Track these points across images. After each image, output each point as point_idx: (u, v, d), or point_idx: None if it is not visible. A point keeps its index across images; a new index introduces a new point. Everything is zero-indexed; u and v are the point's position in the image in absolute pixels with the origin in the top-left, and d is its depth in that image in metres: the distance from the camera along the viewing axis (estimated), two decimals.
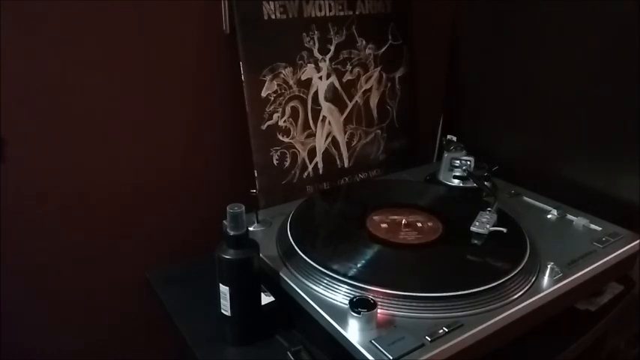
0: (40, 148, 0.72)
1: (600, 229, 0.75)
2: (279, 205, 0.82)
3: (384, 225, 0.72)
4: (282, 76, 0.84)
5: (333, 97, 0.90)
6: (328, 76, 0.89)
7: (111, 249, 0.81)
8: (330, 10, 0.87)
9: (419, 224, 0.73)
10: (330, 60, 0.88)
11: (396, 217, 0.74)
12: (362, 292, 0.58)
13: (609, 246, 0.71)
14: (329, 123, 0.90)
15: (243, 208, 0.59)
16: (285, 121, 0.85)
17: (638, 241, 0.73)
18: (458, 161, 0.88)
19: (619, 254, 0.70)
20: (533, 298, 0.60)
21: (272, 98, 0.83)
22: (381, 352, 0.51)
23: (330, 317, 0.56)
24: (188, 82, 0.81)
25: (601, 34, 0.80)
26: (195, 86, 0.82)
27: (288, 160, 0.87)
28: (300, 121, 0.87)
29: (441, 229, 0.71)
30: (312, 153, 0.89)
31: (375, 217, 0.74)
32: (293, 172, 0.88)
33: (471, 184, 0.87)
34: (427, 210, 0.76)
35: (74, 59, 0.71)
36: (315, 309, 0.58)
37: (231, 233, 0.59)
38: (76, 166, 0.75)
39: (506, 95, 0.97)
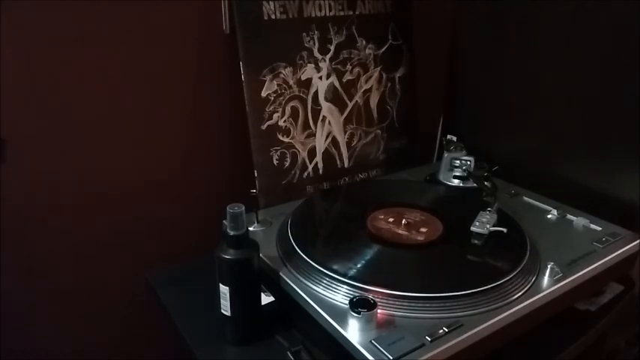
0: (41, 148, 0.72)
1: (600, 229, 0.75)
2: (279, 205, 0.82)
3: (384, 225, 0.72)
4: (282, 76, 0.84)
5: (333, 97, 0.90)
6: (328, 76, 0.89)
7: (111, 249, 0.81)
8: (330, 10, 0.87)
9: (419, 224, 0.73)
10: (330, 60, 0.88)
11: (395, 217, 0.74)
12: (362, 292, 0.58)
13: (609, 246, 0.71)
14: (329, 123, 0.90)
15: (243, 208, 0.59)
16: (285, 121, 0.85)
17: (638, 241, 0.73)
18: (458, 161, 0.88)
19: (619, 254, 0.70)
20: (533, 298, 0.60)
21: (272, 98, 0.83)
22: (381, 352, 0.51)
23: (330, 317, 0.56)
24: (188, 82, 0.81)
25: (601, 34, 0.80)
26: (195, 86, 0.82)
27: (288, 160, 0.87)
28: (300, 121, 0.87)
29: (441, 229, 0.71)
30: (312, 153, 0.89)
31: (375, 217, 0.74)
32: (293, 172, 0.88)
33: (471, 184, 0.87)
34: (427, 210, 0.76)
35: (74, 59, 0.71)
36: (315, 309, 0.58)
37: (231, 233, 0.59)
38: (75, 167, 0.75)
39: (506, 95, 0.97)
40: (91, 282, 0.81)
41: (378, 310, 0.54)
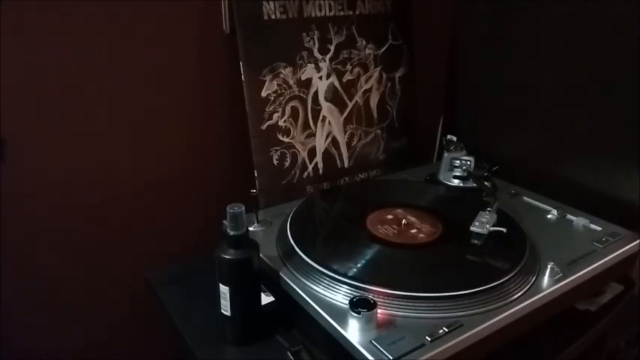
0: (40, 148, 0.72)
1: (600, 229, 0.75)
2: (279, 205, 0.82)
3: (384, 225, 0.72)
4: (282, 76, 0.84)
5: (333, 97, 0.90)
6: (328, 76, 0.89)
7: (111, 249, 0.81)
8: (330, 10, 0.87)
9: (419, 224, 0.73)
10: (330, 60, 0.88)
11: (395, 217, 0.74)
12: (362, 292, 0.58)
13: (609, 246, 0.71)
14: (329, 123, 0.90)
15: (243, 208, 0.59)
16: (285, 121, 0.85)
17: (638, 241, 0.73)
18: (458, 161, 0.88)
19: (619, 254, 0.70)
20: (533, 298, 0.60)
21: (272, 98, 0.83)
22: (381, 352, 0.51)
23: (330, 317, 0.56)
24: (188, 82, 0.81)
25: (601, 34, 0.80)
26: (195, 86, 0.82)
27: (288, 160, 0.87)
28: (300, 121, 0.87)
29: (441, 229, 0.71)
30: (312, 153, 0.89)
31: (375, 217, 0.74)
32: (293, 172, 0.88)
33: (471, 184, 0.87)
34: (427, 210, 0.76)
35: (74, 59, 0.71)
36: (315, 309, 0.58)
37: (231, 233, 0.59)
38: (75, 167, 0.75)
39: (506, 95, 0.97)
40: (91, 282, 0.81)
41: (378, 310, 0.54)
